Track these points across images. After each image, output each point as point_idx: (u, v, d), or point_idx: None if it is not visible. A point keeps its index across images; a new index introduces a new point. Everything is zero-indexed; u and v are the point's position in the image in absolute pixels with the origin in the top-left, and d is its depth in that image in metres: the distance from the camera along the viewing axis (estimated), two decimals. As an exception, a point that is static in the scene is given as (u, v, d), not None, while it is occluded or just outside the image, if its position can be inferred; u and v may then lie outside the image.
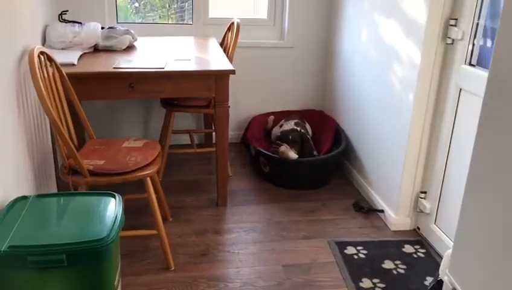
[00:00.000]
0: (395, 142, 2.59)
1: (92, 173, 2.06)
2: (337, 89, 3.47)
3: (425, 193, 2.55)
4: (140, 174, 2.09)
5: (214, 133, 3.59)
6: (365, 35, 2.96)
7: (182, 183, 3.08)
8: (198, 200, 2.89)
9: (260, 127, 3.58)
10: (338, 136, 3.32)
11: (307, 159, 3.01)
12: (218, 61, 2.68)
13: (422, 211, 2.56)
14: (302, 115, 3.62)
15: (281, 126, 3.42)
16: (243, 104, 3.70)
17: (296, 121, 3.34)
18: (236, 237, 2.51)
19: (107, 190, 1.81)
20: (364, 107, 2.98)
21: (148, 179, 2.15)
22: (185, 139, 3.64)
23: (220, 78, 2.54)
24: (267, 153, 3.04)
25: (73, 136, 2.25)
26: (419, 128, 2.46)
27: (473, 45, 2.15)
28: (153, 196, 2.19)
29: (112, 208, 1.67)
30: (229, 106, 2.62)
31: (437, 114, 2.40)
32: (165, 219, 2.63)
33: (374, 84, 2.83)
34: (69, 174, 2.07)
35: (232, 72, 2.52)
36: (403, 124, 2.51)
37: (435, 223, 2.47)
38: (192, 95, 2.57)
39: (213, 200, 2.88)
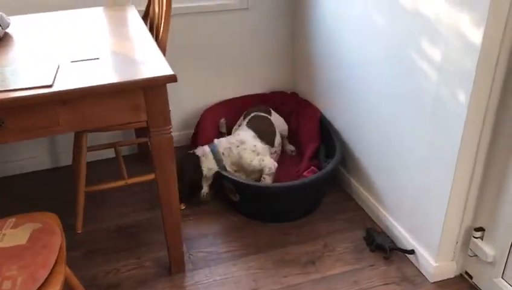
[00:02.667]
0: (432, 156, 1.71)
1: None
2: (315, 65, 2.50)
3: (481, 230, 1.71)
4: (23, 321, 1.10)
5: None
6: (361, -11, 1.98)
7: (112, 234, 2.09)
8: (140, 265, 1.92)
9: (215, 123, 2.60)
10: (325, 130, 2.40)
11: (294, 183, 2.07)
12: (146, 57, 1.63)
13: (476, 256, 1.74)
14: (270, 104, 2.66)
15: (240, 126, 2.46)
16: (187, 94, 2.67)
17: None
18: None
19: None
20: (366, 96, 2.05)
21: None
22: (108, 151, 2.59)
23: (153, 91, 1.51)
24: (235, 178, 2.08)
25: None
26: (474, 139, 1.59)
27: None
28: None
29: None
30: (171, 131, 1.62)
31: (505, 117, 1.53)
32: (91, 320, 1.68)
33: (383, 66, 1.90)
34: None
35: (171, 78, 1.50)
36: (445, 133, 1.62)
37: (502, 276, 1.66)
38: (107, 123, 1.53)
39: (163, 263, 1.93)
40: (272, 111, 2.51)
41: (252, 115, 2.42)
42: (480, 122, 1.55)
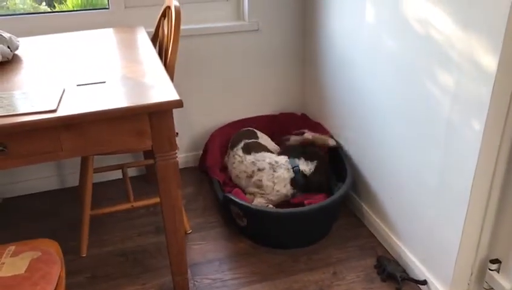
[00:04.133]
0: (445, 184, 1.66)
1: None
2: (326, 87, 2.47)
3: (498, 262, 1.64)
4: None
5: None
6: (373, 12, 1.94)
7: (117, 258, 2.05)
8: (144, 291, 1.88)
9: (224, 145, 2.57)
10: (334, 154, 2.35)
11: (303, 208, 2.02)
12: (152, 81, 1.61)
13: (492, 289, 1.67)
14: (279, 125, 2.62)
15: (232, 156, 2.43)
16: (196, 115, 2.65)
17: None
18: None
19: None
20: (377, 120, 2.01)
21: None
22: (116, 172, 2.57)
23: (159, 116, 1.48)
24: (243, 202, 2.04)
25: None
26: (489, 168, 1.53)
27: None
28: None
29: None
30: (176, 156, 1.59)
31: (521, 147, 1.47)
32: None
33: (395, 90, 1.86)
34: None
35: (178, 104, 1.47)
36: (459, 160, 1.56)
37: (519, 312, 1.59)
38: (112, 148, 1.51)
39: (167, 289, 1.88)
40: (258, 132, 2.48)
41: (242, 144, 2.37)
42: (496, 151, 1.50)
